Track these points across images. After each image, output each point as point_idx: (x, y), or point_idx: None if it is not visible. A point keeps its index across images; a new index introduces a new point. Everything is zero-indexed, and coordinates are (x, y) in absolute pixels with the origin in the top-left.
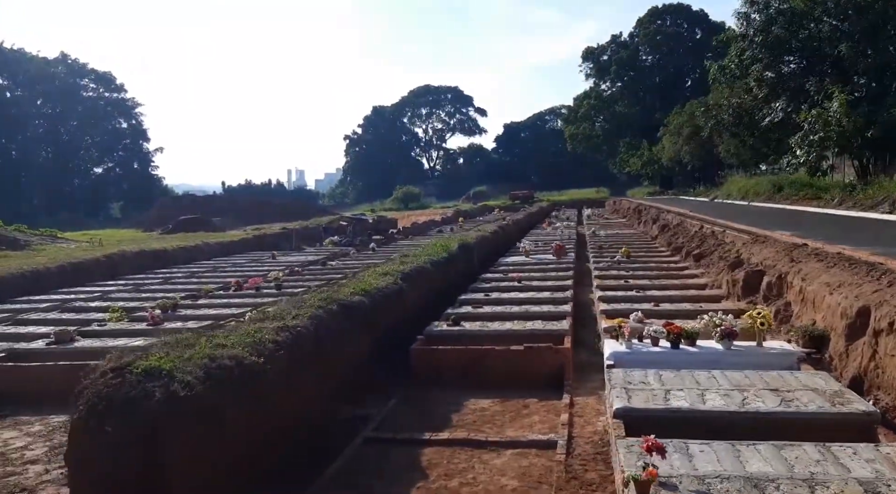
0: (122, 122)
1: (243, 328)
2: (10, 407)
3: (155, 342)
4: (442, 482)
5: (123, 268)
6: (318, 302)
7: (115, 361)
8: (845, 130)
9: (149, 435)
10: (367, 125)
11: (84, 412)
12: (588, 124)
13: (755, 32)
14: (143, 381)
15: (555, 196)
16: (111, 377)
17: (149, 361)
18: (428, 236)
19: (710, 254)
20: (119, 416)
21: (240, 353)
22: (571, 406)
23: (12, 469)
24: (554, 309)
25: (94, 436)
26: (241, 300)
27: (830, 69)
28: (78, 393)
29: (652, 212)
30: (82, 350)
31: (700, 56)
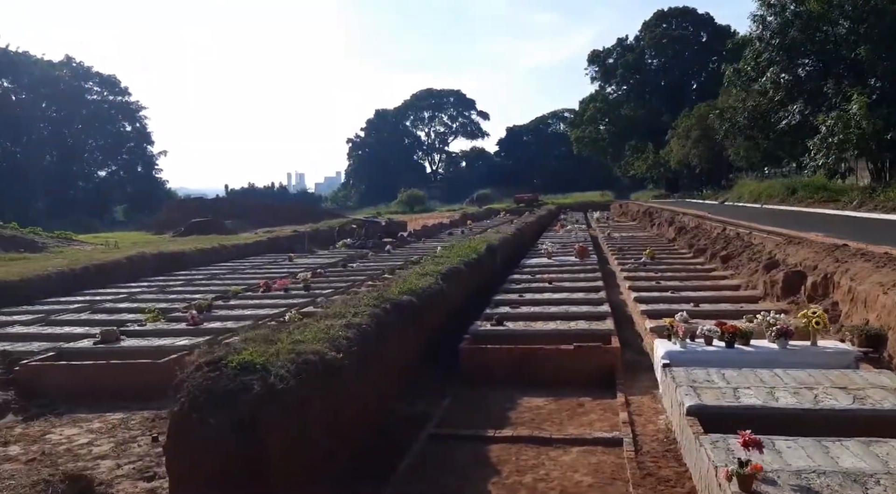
0: (126, 126)
1: (314, 324)
2: (65, 405)
3: (205, 339)
4: (515, 478)
5: (144, 270)
6: (371, 301)
7: (209, 355)
8: (865, 132)
9: (249, 427)
10: (370, 128)
11: (186, 404)
12: (593, 127)
13: (771, 35)
14: (239, 375)
15: (559, 199)
16: (208, 370)
17: (242, 356)
18: (439, 239)
19: (738, 256)
20: (220, 408)
21: (321, 348)
22: (628, 404)
23: (83, 464)
24: (594, 310)
25: (197, 428)
26: (272, 301)
27: (847, 72)
28: (176, 387)
29: (665, 215)
30: (129, 349)
31: (705, 59)
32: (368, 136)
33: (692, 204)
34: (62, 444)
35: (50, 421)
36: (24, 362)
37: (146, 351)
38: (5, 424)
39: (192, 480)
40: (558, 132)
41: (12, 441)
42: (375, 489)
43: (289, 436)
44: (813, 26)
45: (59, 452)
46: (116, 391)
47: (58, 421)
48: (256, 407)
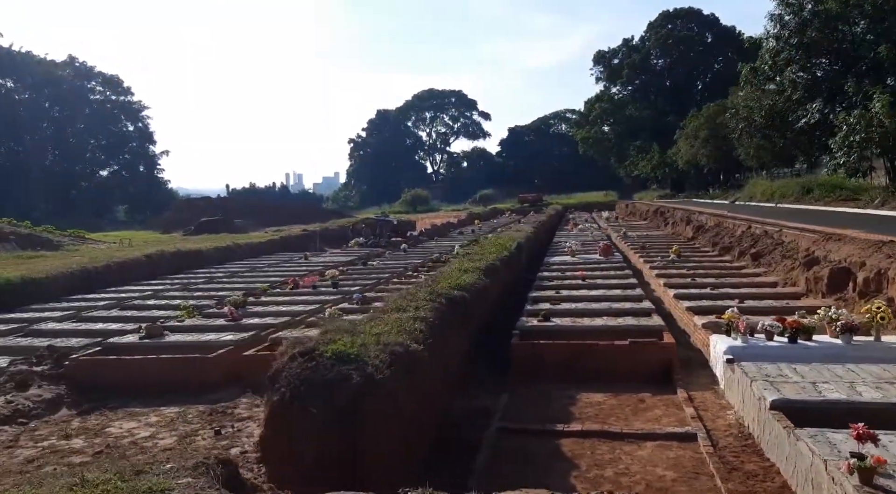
0: (128, 125)
1: (385, 317)
2: (117, 399)
3: (250, 334)
4: (595, 472)
5: (163, 268)
6: (427, 296)
7: (301, 346)
8: (888, 131)
9: (350, 417)
10: (372, 128)
11: (287, 394)
12: (599, 128)
13: (790, 34)
14: (336, 365)
15: (562, 199)
16: (304, 361)
17: (335, 346)
18: (451, 238)
19: (770, 253)
20: (321, 398)
21: (404, 340)
22: (691, 400)
23: (152, 457)
24: (636, 306)
25: (298, 417)
26: (304, 297)
27: (867, 71)
28: (272, 378)
29: (679, 214)
30: (175, 344)
31: (711, 60)
32: (370, 136)
33: (702, 203)
34: (125, 437)
35: (106, 415)
36: (73, 356)
37: (192, 345)
38: (61, 418)
39: (289, 468)
40: (560, 132)
41: (73, 434)
42: (458, 480)
43: (383, 427)
44: (831, 25)
45: (125, 445)
46: (167, 385)
47: (114, 415)
48: (356, 397)
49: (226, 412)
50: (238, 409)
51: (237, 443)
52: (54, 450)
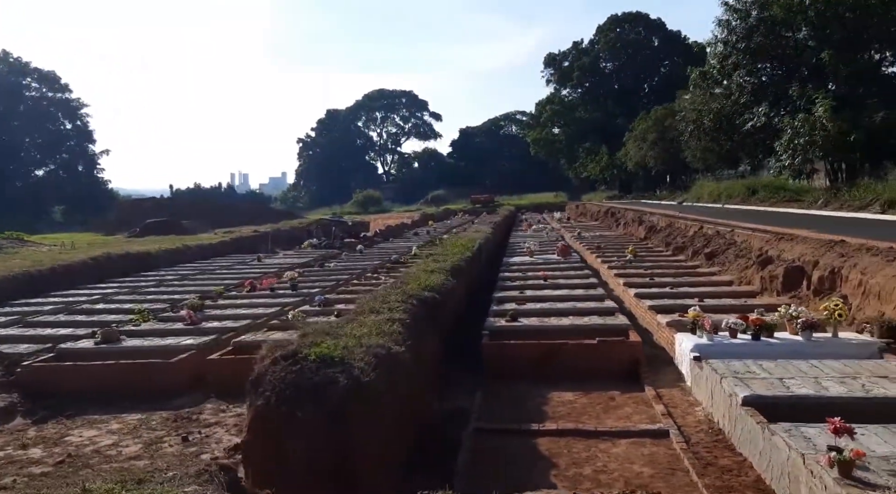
0: (66, 123)
1: (363, 319)
2: (73, 407)
3: (211, 338)
4: (574, 470)
5: (111, 271)
6: (399, 297)
7: (283, 349)
8: (830, 134)
9: (338, 419)
10: (321, 128)
11: (273, 398)
12: (550, 129)
13: (737, 39)
14: (321, 368)
15: (513, 200)
16: (288, 364)
17: (319, 349)
18: (405, 238)
19: (723, 253)
20: (309, 401)
21: (385, 342)
22: (660, 398)
23: (117, 466)
24: (600, 306)
25: (285, 421)
26: (264, 300)
27: (810, 76)
28: (254, 382)
29: (630, 215)
30: (133, 349)
31: (657, 63)
32: (319, 136)
33: (651, 204)
34: (86, 446)
35: (64, 424)
36: (25, 363)
37: (151, 350)
38: (15, 427)
39: (275, 473)
40: (510, 134)
41: (31, 444)
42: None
43: (369, 429)
44: (776, 31)
45: (87, 453)
46: (127, 391)
47: (72, 424)
48: (344, 400)
49: (191, 418)
50: (204, 415)
51: (206, 449)
52: (11, 461)
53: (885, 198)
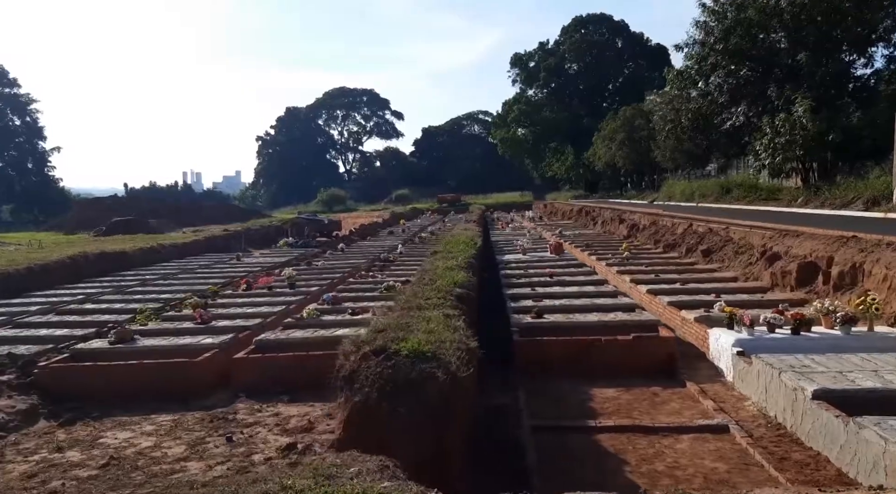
0: (15, 119)
1: (422, 314)
2: (95, 407)
3: (229, 337)
4: (647, 466)
5: (87, 270)
6: (437, 294)
7: (371, 344)
8: (810, 134)
9: (438, 415)
10: (280, 126)
11: (373, 394)
12: (516, 129)
13: (715, 40)
14: (416, 363)
15: (479, 199)
16: (381, 359)
17: (408, 344)
18: (381, 237)
19: (720, 250)
20: (408, 397)
21: (460, 337)
22: (705, 393)
23: (168, 467)
24: (620, 302)
25: (386, 417)
26: (265, 298)
27: (787, 76)
28: (348, 378)
29: (606, 214)
30: (150, 348)
31: (621, 64)
32: (279, 134)
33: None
34: (125, 448)
35: (92, 425)
36: (41, 364)
37: (171, 350)
38: (42, 430)
39: None
40: (473, 133)
41: (65, 446)
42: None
43: (462, 424)
44: (752, 33)
45: (130, 456)
46: (150, 391)
47: (101, 425)
48: (445, 395)
49: (227, 418)
50: (239, 415)
51: (255, 450)
52: (51, 464)
53: (867, 195)
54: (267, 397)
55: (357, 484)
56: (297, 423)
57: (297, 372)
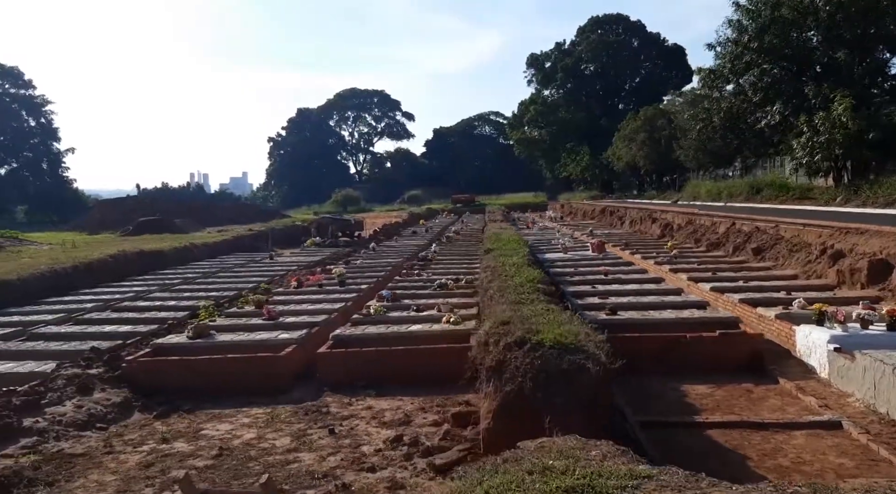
0: (30, 121)
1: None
2: (184, 401)
3: (304, 332)
4: (770, 462)
5: (128, 268)
6: (527, 289)
7: (510, 336)
8: (850, 132)
9: (590, 406)
10: (292, 127)
11: (527, 384)
12: (532, 129)
13: (749, 39)
14: (562, 354)
15: (492, 200)
16: (527, 350)
17: (549, 335)
18: (407, 236)
19: (771, 248)
20: (563, 387)
21: (586, 330)
22: (803, 390)
23: (282, 458)
24: (687, 299)
25: (539, 408)
26: (321, 295)
27: (824, 75)
28: (496, 369)
29: (633, 213)
30: (230, 343)
31: (638, 64)
32: (290, 135)
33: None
34: (229, 439)
35: (187, 418)
36: (129, 358)
37: (250, 345)
38: (139, 422)
39: None
40: (484, 134)
41: (171, 437)
42: None
43: (609, 415)
44: (787, 32)
45: (238, 446)
46: (234, 384)
47: (195, 418)
48: (596, 386)
49: (319, 411)
50: (332, 408)
51: (362, 442)
52: (164, 454)
53: None
54: (352, 391)
55: (612, 466)
56: (393, 416)
57: (379, 367)
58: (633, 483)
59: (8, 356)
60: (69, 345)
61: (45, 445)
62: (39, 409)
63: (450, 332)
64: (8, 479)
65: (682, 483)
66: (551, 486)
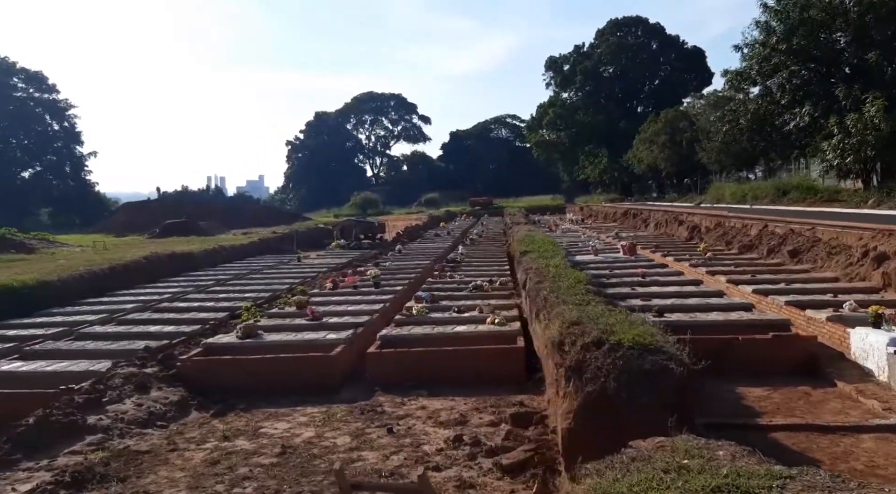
0: (53, 125)
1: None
2: (244, 400)
3: (351, 333)
4: (843, 465)
5: (161, 270)
6: (583, 289)
7: (586, 336)
8: (883, 134)
9: (676, 407)
10: (310, 130)
11: (612, 384)
12: (551, 131)
13: (778, 40)
14: (643, 354)
15: (509, 203)
16: (607, 350)
17: (627, 336)
18: (429, 239)
19: (808, 251)
20: (647, 387)
21: (658, 330)
22: (862, 393)
23: (346, 456)
24: (732, 301)
25: (623, 409)
26: (357, 297)
27: (854, 76)
28: (575, 369)
29: (658, 216)
30: (280, 343)
31: (656, 67)
32: (308, 139)
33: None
34: (291, 437)
35: (244, 417)
36: (182, 357)
37: (300, 344)
38: (197, 420)
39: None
40: (500, 137)
41: (231, 435)
42: None
43: (693, 416)
44: (816, 33)
45: (299, 445)
46: (286, 383)
47: (252, 416)
48: (681, 386)
49: (374, 410)
50: (386, 407)
51: (422, 441)
52: (227, 452)
53: None
54: (402, 390)
55: (746, 466)
56: (449, 416)
57: (428, 367)
58: (777, 484)
59: (60, 355)
60: (118, 345)
61: (111, 442)
62: (101, 407)
63: (496, 333)
64: (81, 475)
65: (829, 483)
66: (695, 485)
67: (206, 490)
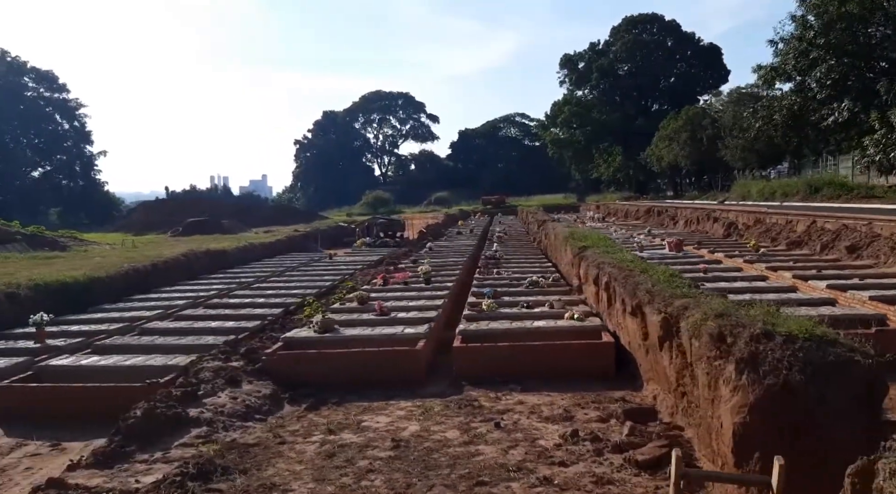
0: (64, 124)
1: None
2: (334, 394)
3: (426, 327)
4: None
5: (199, 267)
6: (678, 281)
7: (752, 327)
8: None
9: (864, 401)
10: (318, 130)
11: (797, 376)
12: (566, 129)
13: (815, 35)
14: (821, 346)
15: (521, 201)
16: (782, 343)
17: (795, 327)
18: (453, 237)
19: (868, 246)
20: (836, 380)
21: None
22: None
23: (464, 450)
24: (812, 297)
25: (813, 401)
26: (412, 292)
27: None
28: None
29: (688, 213)
30: (359, 337)
31: (672, 64)
32: (316, 138)
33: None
34: (397, 431)
35: (340, 411)
36: (268, 351)
37: (376, 339)
38: (292, 414)
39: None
40: (510, 136)
41: (336, 429)
42: None
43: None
44: (854, 27)
45: (408, 439)
46: (370, 377)
47: (347, 410)
48: (871, 380)
49: (472, 404)
50: (482, 402)
51: (536, 436)
52: (339, 445)
53: None
54: (491, 385)
55: None
56: (551, 412)
57: (513, 362)
58: None
59: (132, 350)
60: (186, 340)
61: (217, 435)
62: (199, 400)
63: (578, 329)
64: (204, 466)
65: None
66: None
67: (333, 483)
